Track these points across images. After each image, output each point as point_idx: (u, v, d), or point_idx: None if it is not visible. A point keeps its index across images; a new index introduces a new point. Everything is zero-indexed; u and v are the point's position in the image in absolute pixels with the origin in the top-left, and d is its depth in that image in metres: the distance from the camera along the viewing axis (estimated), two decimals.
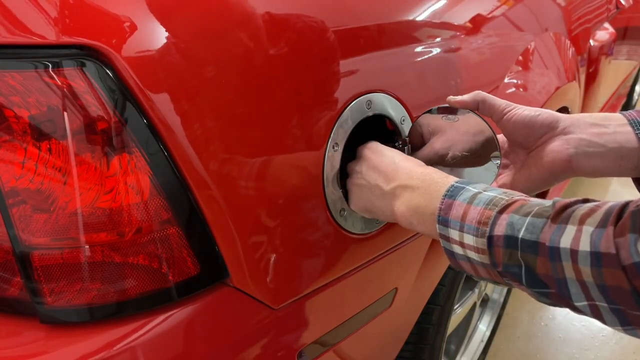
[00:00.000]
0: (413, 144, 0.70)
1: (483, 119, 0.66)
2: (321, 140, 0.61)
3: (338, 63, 0.62)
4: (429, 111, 0.68)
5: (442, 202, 0.54)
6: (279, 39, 0.57)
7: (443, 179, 0.56)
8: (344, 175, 0.66)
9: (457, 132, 0.67)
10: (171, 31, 0.50)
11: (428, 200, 0.56)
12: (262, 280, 0.57)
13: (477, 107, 0.64)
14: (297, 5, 0.61)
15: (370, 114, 0.65)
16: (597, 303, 0.43)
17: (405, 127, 0.70)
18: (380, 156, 0.62)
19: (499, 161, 0.66)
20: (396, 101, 0.68)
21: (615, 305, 0.42)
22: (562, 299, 0.46)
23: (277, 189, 0.57)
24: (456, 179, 0.56)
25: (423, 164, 0.61)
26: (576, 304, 0.44)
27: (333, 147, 0.62)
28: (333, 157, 0.62)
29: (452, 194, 0.54)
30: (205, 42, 0.52)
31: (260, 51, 0.55)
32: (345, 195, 0.66)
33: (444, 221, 0.53)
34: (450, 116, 0.67)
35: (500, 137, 0.67)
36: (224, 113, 0.53)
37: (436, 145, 0.68)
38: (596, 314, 0.44)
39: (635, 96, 3.56)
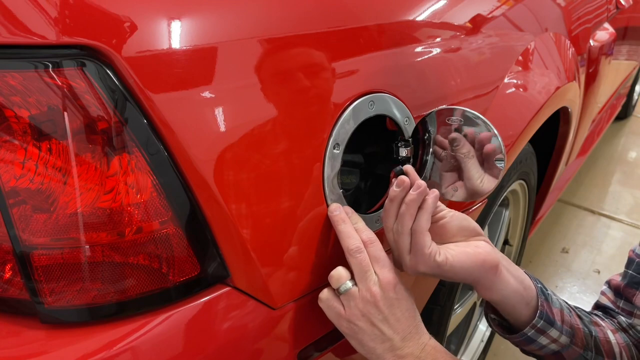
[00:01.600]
0: (416, 145, 0.70)
1: (487, 121, 0.66)
2: (322, 140, 0.61)
3: (340, 63, 0.62)
4: (433, 112, 0.69)
5: None
6: (280, 40, 0.57)
7: None
8: (344, 175, 0.66)
9: (461, 134, 0.68)
10: (171, 31, 0.50)
11: None
12: (262, 280, 0.57)
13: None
14: (297, 6, 0.61)
15: (373, 114, 0.65)
16: None
17: (409, 127, 0.70)
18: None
19: (503, 163, 0.66)
20: (399, 101, 0.68)
21: None
22: None
23: (278, 189, 0.57)
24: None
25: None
26: None
27: (334, 147, 0.62)
28: (334, 158, 0.62)
29: None
30: (205, 41, 0.52)
31: (261, 50, 0.55)
32: (345, 195, 0.66)
33: None
34: (453, 118, 0.67)
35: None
36: (225, 112, 0.53)
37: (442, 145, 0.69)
38: None
39: (635, 96, 3.56)
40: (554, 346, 0.72)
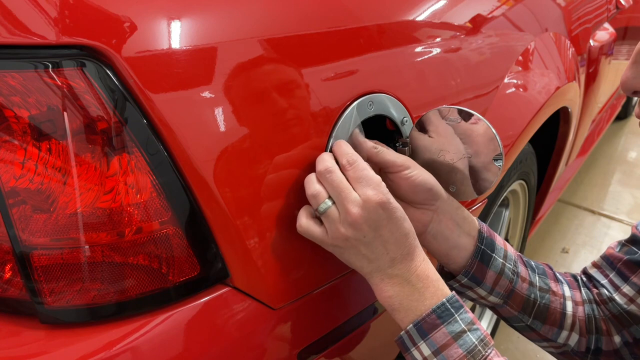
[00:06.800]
0: (414, 145, 0.70)
1: (485, 120, 0.66)
2: (323, 140, 0.61)
3: (340, 63, 0.62)
4: (430, 112, 0.69)
5: (429, 315, 0.56)
6: (279, 40, 0.57)
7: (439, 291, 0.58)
8: None
9: (459, 134, 0.67)
10: (171, 31, 0.50)
11: (418, 300, 0.57)
12: (263, 281, 0.57)
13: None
14: (297, 6, 0.61)
15: (372, 114, 0.65)
16: None
17: (407, 128, 0.70)
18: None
19: (501, 162, 0.66)
20: (398, 102, 0.68)
21: None
22: None
23: (278, 189, 0.57)
24: (449, 293, 0.58)
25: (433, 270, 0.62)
26: None
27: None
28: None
29: (440, 314, 0.56)
30: (205, 41, 0.52)
31: (260, 50, 0.55)
32: None
33: (421, 331, 0.56)
34: (451, 118, 0.67)
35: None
36: (225, 112, 0.53)
37: (438, 146, 0.68)
38: None
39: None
40: (484, 302, 0.73)
